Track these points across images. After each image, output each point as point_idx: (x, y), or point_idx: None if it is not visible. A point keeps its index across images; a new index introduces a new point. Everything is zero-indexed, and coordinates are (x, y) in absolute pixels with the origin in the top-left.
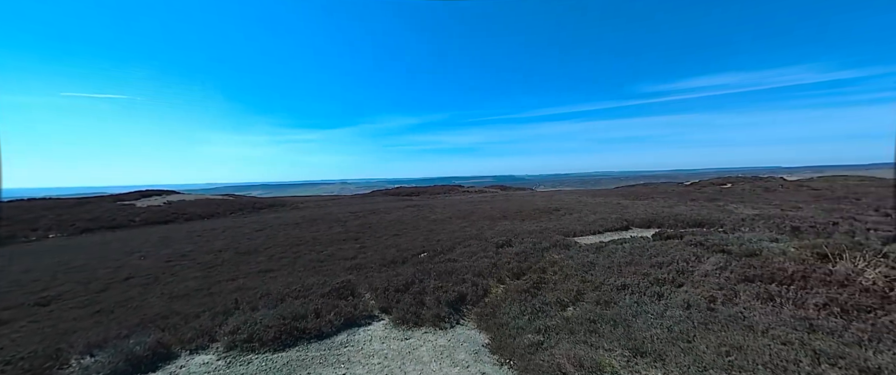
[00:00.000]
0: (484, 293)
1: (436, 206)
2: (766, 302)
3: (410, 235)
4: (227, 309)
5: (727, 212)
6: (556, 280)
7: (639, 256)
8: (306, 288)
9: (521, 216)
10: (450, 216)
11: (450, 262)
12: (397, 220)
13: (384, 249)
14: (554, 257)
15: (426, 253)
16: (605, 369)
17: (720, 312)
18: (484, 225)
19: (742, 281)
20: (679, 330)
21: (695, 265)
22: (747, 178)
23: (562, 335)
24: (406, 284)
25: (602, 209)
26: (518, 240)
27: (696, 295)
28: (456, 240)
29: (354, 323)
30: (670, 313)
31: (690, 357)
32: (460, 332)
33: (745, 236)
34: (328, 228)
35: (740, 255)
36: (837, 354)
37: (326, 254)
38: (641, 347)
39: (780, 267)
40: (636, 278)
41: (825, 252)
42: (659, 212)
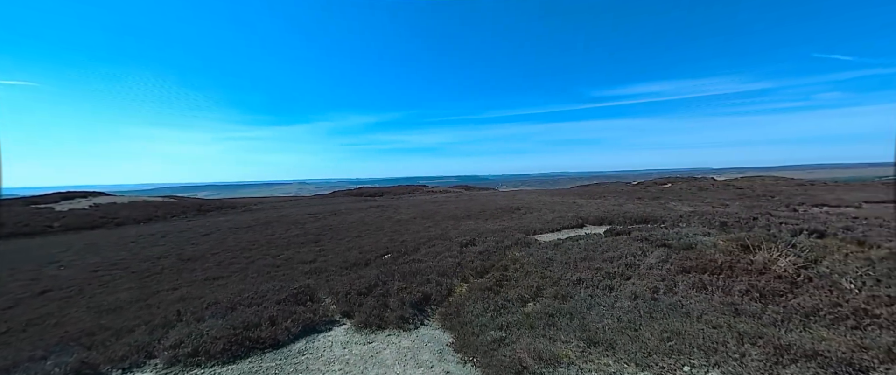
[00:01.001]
0: (448, 292)
1: (400, 207)
2: (700, 291)
3: (374, 236)
4: (167, 321)
5: (668, 210)
6: (517, 277)
7: (592, 252)
8: (260, 295)
9: (484, 215)
10: (414, 216)
11: (414, 263)
12: (360, 221)
13: (346, 251)
14: (515, 255)
15: (390, 255)
16: (562, 360)
17: (662, 301)
18: (448, 225)
19: (680, 272)
20: (627, 320)
21: (641, 259)
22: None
23: (523, 330)
24: (369, 287)
25: (560, 208)
26: (481, 239)
27: (642, 286)
28: (421, 241)
29: (314, 330)
30: (620, 304)
31: (637, 344)
32: (425, 333)
33: (682, 231)
34: (285, 231)
35: (679, 249)
36: (757, 334)
37: (283, 259)
38: (595, 337)
39: (712, 259)
40: (590, 273)
41: (747, 244)
42: (610, 210)
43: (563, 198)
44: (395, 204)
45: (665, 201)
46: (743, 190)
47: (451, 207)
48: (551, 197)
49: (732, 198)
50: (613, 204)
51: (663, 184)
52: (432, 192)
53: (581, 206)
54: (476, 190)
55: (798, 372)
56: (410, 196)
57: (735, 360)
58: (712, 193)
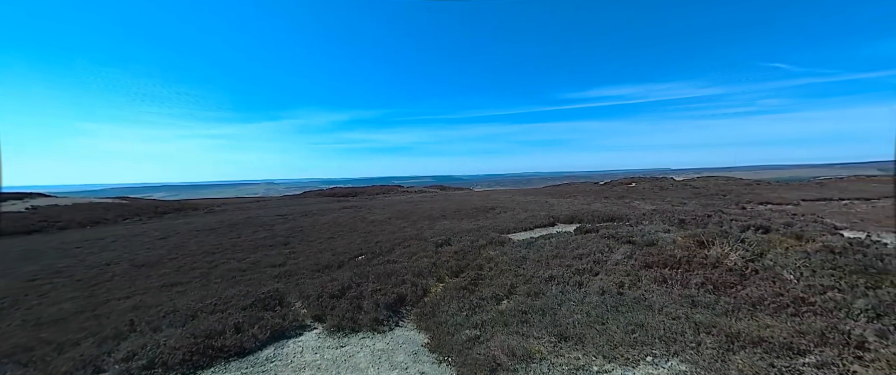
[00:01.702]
0: (424, 292)
1: (375, 207)
2: (662, 284)
3: (347, 238)
4: (119, 332)
5: (632, 208)
6: (491, 275)
7: (563, 250)
8: (224, 301)
9: (459, 215)
10: (389, 216)
11: (389, 264)
12: (333, 222)
13: (318, 253)
14: (490, 254)
15: (364, 256)
16: (534, 356)
17: (627, 295)
18: (424, 225)
19: (644, 267)
20: (595, 314)
21: (608, 255)
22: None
23: (497, 328)
24: (342, 289)
25: (532, 207)
26: (457, 239)
27: (608, 281)
28: (396, 241)
29: (283, 335)
30: (589, 299)
31: (604, 337)
32: (400, 334)
33: (645, 228)
34: (252, 233)
35: (642, 245)
36: (711, 324)
37: (249, 262)
38: (565, 332)
39: (671, 254)
40: (561, 270)
41: (702, 240)
42: (580, 209)
43: (535, 198)
44: (369, 205)
45: (629, 200)
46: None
47: (426, 207)
48: (524, 197)
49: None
50: (583, 203)
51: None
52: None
53: (552, 206)
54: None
55: (746, 358)
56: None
57: (692, 349)
58: (672, 192)
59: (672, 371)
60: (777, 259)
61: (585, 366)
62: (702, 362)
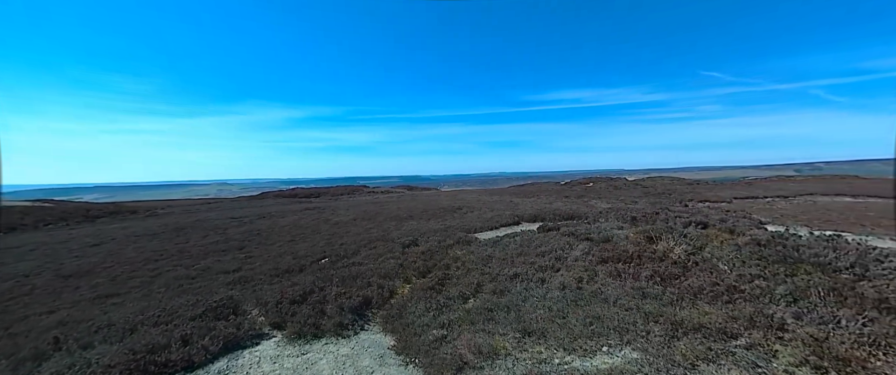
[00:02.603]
0: (390, 294)
1: (339, 208)
2: (616, 278)
3: (310, 240)
4: (40, 352)
5: (590, 207)
6: (459, 275)
7: (527, 247)
8: (169, 312)
9: (427, 215)
10: (354, 218)
11: (354, 266)
12: (294, 225)
13: (277, 258)
14: (457, 253)
15: (328, 259)
16: (499, 352)
17: (585, 290)
18: (390, 226)
19: (600, 262)
20: (557, 309)
21: (568, 252)
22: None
23: (463, 326)
24: (304, 294)
25: (498, 206)
26: (424, 239)
27: (569, 277)
28: (361, 243)
29: (238, 346)
30: (550, 295)
31: (565, 330)
32: (365, 338)
33: (602, 226)
34: (202, 238)
35: (599, 241)
36: (659, 313)
37: (199, 269)
38: (529, 327)
39: (624, 250)
40: (525, 267)
41: (651, 235)
42: (542, 208)
43: (501, 198)
44: (333, 206)
45: (588, 199)
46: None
47: (393, 208)
48: (490, 197)
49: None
50: (545, 202)
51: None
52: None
53: (517, 205)
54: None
55: (688, 343)
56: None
57: (642, 337)
58: (625, 192)
59: (625, 359)
60: (714, 251)
61: (547, 359)
62: (651, 349)
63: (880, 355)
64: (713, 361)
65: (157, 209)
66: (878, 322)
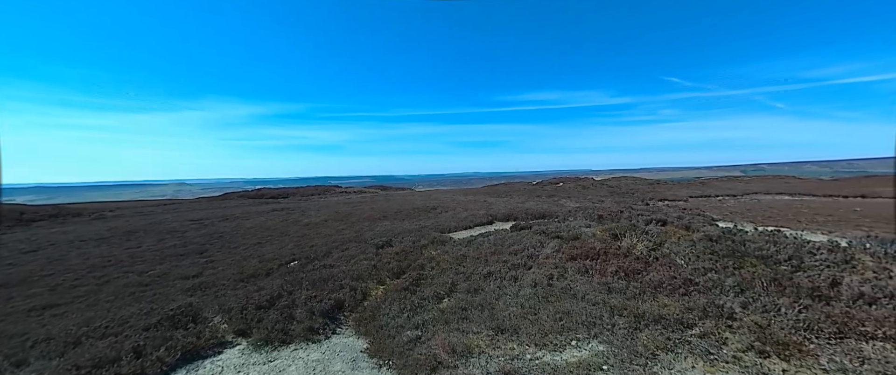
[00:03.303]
0: (363, 296)
1: (309, 209)
2: (584, 274)
3: (278, 242)
4: None
5: (560, 206)
6: (433, 274)
7: (501, 246)
8: (119, 322)
9: (401, 215)
10: (325, 219)
11: (325, 268)
12: (260, 227)
13: (242, 261)
14: (432, 253)
15: (298, 262)
16: (473, 350)
17: (556, 286)
18: (363, 227)
19: (569, 259)
20: (529, 306)
21: (539, 250)
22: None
23: (438, 326)
24: (271, 299)
25: (472, 206)
26: (398, 240)
27: (540, 274)
28: (333, 244)
29: (198, 356)
30: (523, 292)
31: (536, 326)
32: (337, 342)
33: (571, 224)
34: (157, 242)
35: (568, 239)
36: (623, 307)
37: (154, 276)
38: (502, 325)
39: (592, 247)
40: (499, 265)
41: (616, 233)
42: (515, 208)
43: (475, 197)
44: (303, 207)
45: (558, 198)
46: (613, 188)
47: (366, 208)
48: (465, 197)
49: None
50: (518, 201)
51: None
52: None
53: (491, 205)
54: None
55: (650, 334)
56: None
57: (608, 330)
58: (592, 191)
59: (592, 351)
60: (672, 247)
61: (520, 355)
62: (616, 341)
63: (813, 339)
64: (671, 350)
65: (105, 211)
66: (812, 309)
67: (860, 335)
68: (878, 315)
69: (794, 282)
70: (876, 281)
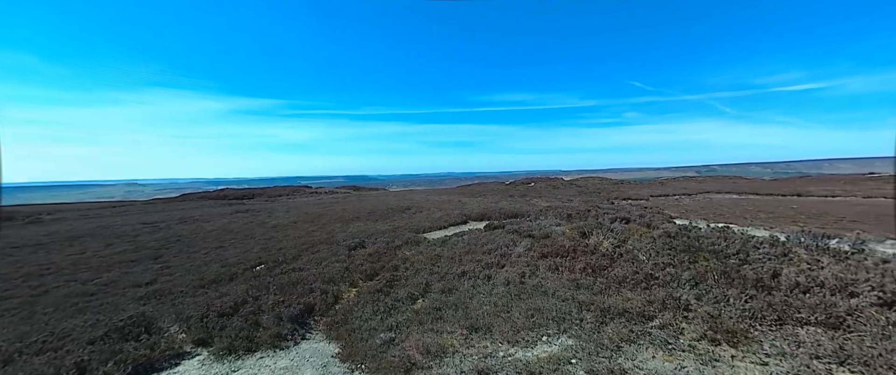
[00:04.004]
0: (335, 300)
1: (277, 210)
2: (554, 271)
3: (242, 245)
4: None
5: (532, 205)
6: (407, 275)
7: (474, 246)
8: (60, 336)
9: (374, 216)
10: (295, 220)
11: (294, 272)
12: (223, 229)
13: (202, 267)
14: (406, 254)
15: (264, 265)
16: (447, 350)
17: (527, 284)
18: (335, 228)
19: (540, 257)
20: (502, 304)
21: (512, 249)
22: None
23: (412, 327)
24: (235, 305)
25: (447, 206)
26: (371, 241)
27: (513, 272)
28: (302, 247)
29: (152, 369)
30: (496, 290)
31: (509, 324)
32: (307, 347)
33: (542, 223)
34: (104, 247)
35: (540, 238)
36: (590, 302)
37: (100, 283)
38: (476, 324)
39: (562, 245)
40: (472, 265)
41: (584, 231)
42: (489, 207)
43: (449, 198)
44: (270, 208)
45: (530, 198)
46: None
47: (338, 209)
48: (439, 197)
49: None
50: (491, 201)
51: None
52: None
53: (465, 204)
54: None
55: (615, 327)
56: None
57: (577, 325)
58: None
59: (562, 346)
60: (634, 244)
61: (493, 353)
62: (584, 335)
63: (757, 326)
64: (634, 342)
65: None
66: (756, 298)
67: (796, 321)
68: (811, 302)
69: (741, 275)
70: (809, 272)
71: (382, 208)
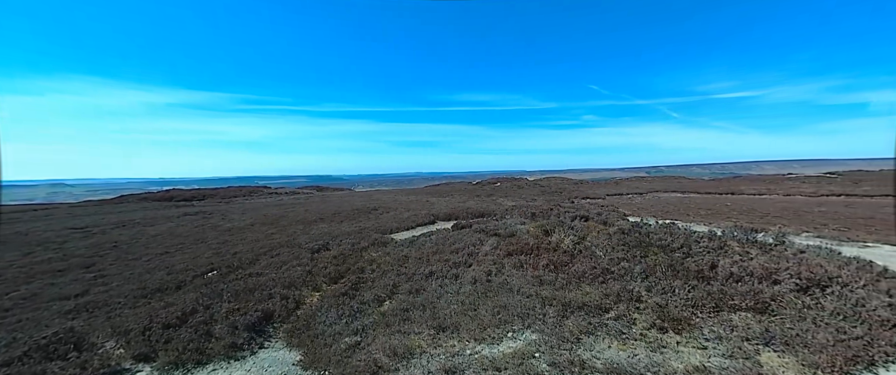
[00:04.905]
0: (296, 305)
1: (231, 212)
2: (519, 269)
3: (191, 251)
4: None
5: (498, 205)
6: (374, 277)
7: (442, 245)
8: None
9: (339, 217)
10: (252, 223)
11: (251, 277)
12: (169, 233)
13: (144, 275)
14: (372, 255)
15: (217, 271)
16: (415, 351)
17: (494, 281)
18: (297, 230)
19: (506, 255)
20: (469, 302)
21: (479, 247)
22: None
23: (379, 329)
24: (183, 315)
25: (415, 206)
26: (336, 243)
27: (479, 271)
28: (260, 251)
29: None
30: (463, 289)
31: (476, 322)
32: (265, 356)
33: (507, 222)
34: (22, 256)
35: (505, 236)
36: (553, 297)
37: (17, 297)
38: (443, 323)
39: (526, 242)
40: (440, 265)
41: (547, 229)
42: (457, 207)
43: (417, 197)
44: (223, 210)
45: (496, 198)
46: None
47: (300, 210)
48: (407, 197)
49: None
50: (459, 201)
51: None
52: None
53: (433, 204)
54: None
55: (575, 320)
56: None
57: (540, 320)
58: (526, 191)
59: (526, 340)
60: (593, 240)
61: (460, 352)
62: (547, 329)
63: (698, 313)
64: (592, 333)
65: None
66: (697, 288)
67: (730, 307)
68: (743, 290)
69: (685, 267)
70: (741, 263)
71: (348, 209)
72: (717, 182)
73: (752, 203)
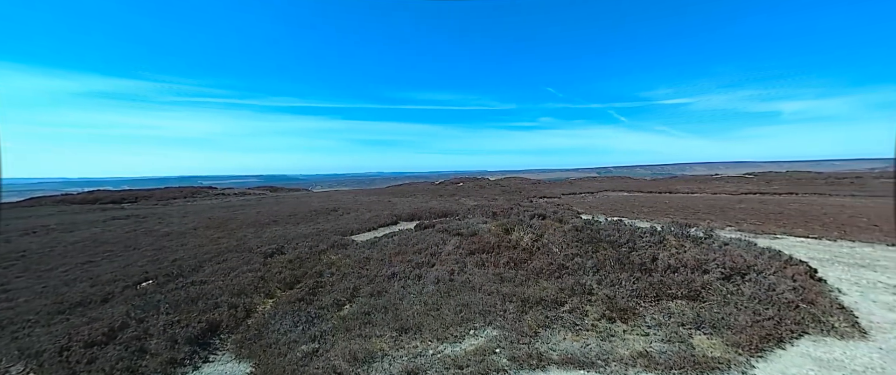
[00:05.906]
0: (247, 313)
1: (170, 215)
2: (481, 267)
3: (121, 259)
4: None
5: (460, 204)
6: (333, 281)
7: (405, 246)
8: None
9: (295, 219)
10: (194, 226)
11: (194, 286)
12: (93, 240)
13: (61, 287)
14: (331, 258)
15: (153, 281)
16: (376, 354)
17: (457, 280)
18: (247, 234)
19: (469, 254)
20: (432, 302)
21: (442, 247)
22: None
23: (338, 335)
24: (110, 331)
25: (376, 207)
26: (292, 246)
27: (442, 270)
28: (205, 257)
29: None
30: (426, 289)
31: (439, 322)
32: (210, 371)
33: (470, 221)
34: None
35: (467, 235)
36: (513, 293)
37: None
38: (405, 324)
39: (487, 241)
40: (403, 265)
41: (507, 227)
42: (419, 207)
43: (379, 198)
44: (160, 213)
45: (458, 197)
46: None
47: (251, 212)
48: (368, 197)
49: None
50: (422, 201)
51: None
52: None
53: (395, 205)
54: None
55: (534, 315)
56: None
57: (500, 316)
58: (488, 190)
59: (487, 337)
60: (549, 237)
61: (422, 352)
62: (507, 325)
63: (642, 303)
64: (549, 327)
65: None
66: (641, 280)
67: (668, 296)
68: (679, 280)
69: (630, 260)
70: (677, 256)
71: (304, 210)
72: (657, 182)
73: (686, 201)
